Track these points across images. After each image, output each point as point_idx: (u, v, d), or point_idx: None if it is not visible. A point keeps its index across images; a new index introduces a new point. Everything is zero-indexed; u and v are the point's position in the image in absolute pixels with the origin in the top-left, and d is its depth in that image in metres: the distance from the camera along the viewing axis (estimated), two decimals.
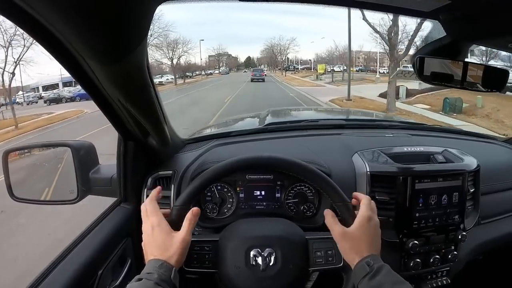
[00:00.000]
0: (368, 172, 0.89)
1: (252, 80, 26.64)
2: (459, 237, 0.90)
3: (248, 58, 70.66)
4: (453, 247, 0.92)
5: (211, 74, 46.69)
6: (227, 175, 0.72)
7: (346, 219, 0.67)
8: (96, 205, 0.97)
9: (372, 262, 0.61)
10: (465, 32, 0.69)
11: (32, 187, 0.96)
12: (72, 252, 0.74)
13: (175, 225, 0.66)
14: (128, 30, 0.47)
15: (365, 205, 0.68)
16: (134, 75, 0.58)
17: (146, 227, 0.66)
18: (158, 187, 0.72)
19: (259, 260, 0.67)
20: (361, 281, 0.59)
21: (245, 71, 51.39)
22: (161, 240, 0.63)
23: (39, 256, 2.65)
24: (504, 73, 0.85)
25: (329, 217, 0.68)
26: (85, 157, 0.90)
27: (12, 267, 2.74)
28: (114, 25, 0.44)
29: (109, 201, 0.94)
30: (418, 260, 0.88)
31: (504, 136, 1.28)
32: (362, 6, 0.57)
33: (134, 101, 0.65)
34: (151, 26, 0.53)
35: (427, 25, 0.80)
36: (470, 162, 0.95)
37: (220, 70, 52.48)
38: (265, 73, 33.47)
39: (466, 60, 0.84)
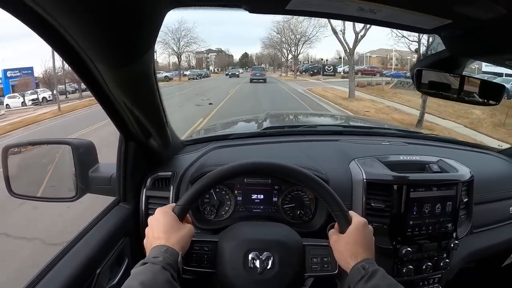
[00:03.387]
0: (365, 180, 0.90)
1: (251, 81, 21.86)
2: (452, 245, 0.92)
3: (245, 55, 55.21)
4: (445, 255, 0.94)
5: (168, 79, 28.76)
6: (231, 178, 0.74)
7: (342, 227, 0.69)
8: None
9: (367, 265, 0.62)
10: (464, 48, 0.71)
11: (31, 183, 0.96)
12: (70, 251, 0.75)
13: None
14: (138, 35, 0.48)
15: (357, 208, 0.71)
16: (142, 79, 0.59)
17: (152, 217, 0.67)
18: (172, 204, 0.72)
19: (257, 263, 0.68)
20: (357, 284, 0.61)
21: (232, 74, 32.20)
22: (168, 223, 0.64)
23: None
24: (500, 88, 0.88)
25: (331, 230, 0.72)
26: (84, 155, 0.91)
27: None
28: (125, 30, 0.45)
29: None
30: (410, 267, 0.90)
31: (498, 147, 1.31)
32: (368, 21, 0.58)
33: (140, 104, 0.66)
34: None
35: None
36: (464, 172, 0.97)
37: (188, 72, 33.38)
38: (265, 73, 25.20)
39: (463, 74, 0.87)
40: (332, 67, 25.62)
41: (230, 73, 34.12)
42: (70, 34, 0.45)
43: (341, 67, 27.99)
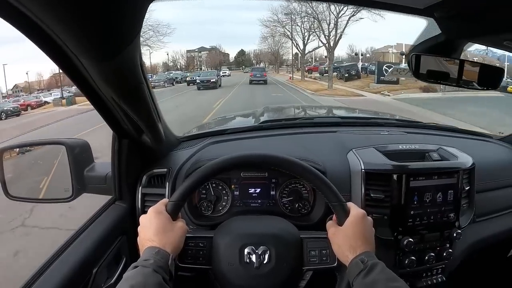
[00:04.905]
0: (363, 170, 0.89)
1: (251, 82, 18.27)
2: (454, 235, 0.90)
3: (241, 53, 46.07)
4: (448, 245, 0.92)
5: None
6: (223, 172, 0.72)
7: (341, 219, 0.67)
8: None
9: (366, 259, 0.61)
10: (460, 30, 0.69)
11: (27, 185, 0.96)
12: (66, 251, 0.74)
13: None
14: (120, 27, 0.47)
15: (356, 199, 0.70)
16: (127, 72, 0.58)
17: (144, 217, 0.67)
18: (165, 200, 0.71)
19: (253, 257, 0.67)
20: (356, 278, 0.59)
21: (202, 82, 17.63)
22: (160, 224, 0.63)
23: None
24: (499, 71, 0.85)
25: (329, 222, 0.70)
26: (79, 155, 0.90)
27: None
28: (106, 23, 0.44)
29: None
30: (413, 258, 0.88)
31: (499, 135, 1.28)
32: (355, 2, 0.56)
33: (127, 99, 0.65)
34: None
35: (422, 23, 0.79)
36: (465, 160, 0.95)
37: (154, 77, 22.25)
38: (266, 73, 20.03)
39: (462, 58, 0.85)
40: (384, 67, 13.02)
41: (199, 81, 18.10)
42: (51, 28, 0.44)
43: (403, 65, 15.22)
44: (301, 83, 18.76)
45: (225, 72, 26.39)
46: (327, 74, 18.23)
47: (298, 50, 22.22)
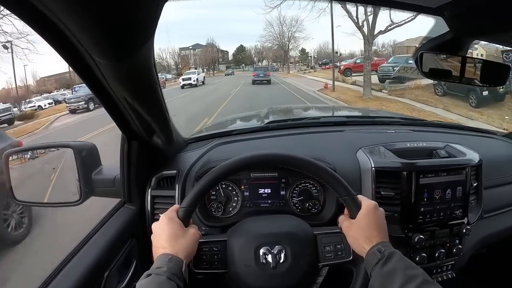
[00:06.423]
0: (373, 168, 0.89)
1: (254, 82, 16.95)
2: (464, 231, 0.90)
3: (240, 49, 39.46)
4: (457, 241, 0.93)
5: None
6: (234, 173, 0.72)
7: (353, 212, 0.68)
8: None
9: (383, 248, 0.61)
10: (469, 28, 0.70)
11: (34, 189, 0.95)
12: (77, 255, 0.73)
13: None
14: (135, 27, 0.47)
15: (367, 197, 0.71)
16: (141, 72, 0.57)
17: (156, 224, 0.66)
18: (176, 206, 0.71)
19: (269, 257, 0.67)
20: (374, 267, 0.60)
21: None
22: (172, 231, 0.63)
23: None
24: (505, 68, 0.86)
25: (342, 217, 0.71)
26: (87, 158, 0.89)
27: None
28: (122, 22, 0.44)
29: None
30: (424, 254, 0.89)
31: (504, 131, 1.30)
32: (370, 2, 0.57)
33: (141, 99, 0.65)
34: None
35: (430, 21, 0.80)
36: (473, 156, 0.95)
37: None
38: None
39: (466, 55, 0.85)
40: None
41: None
42: (65, 25, 0.44)
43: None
44: (368, 104, 8.74)
45: (189, 78, 15.02)
46: (393, 81, 9.90)
47: (360, 31, 10.13)
